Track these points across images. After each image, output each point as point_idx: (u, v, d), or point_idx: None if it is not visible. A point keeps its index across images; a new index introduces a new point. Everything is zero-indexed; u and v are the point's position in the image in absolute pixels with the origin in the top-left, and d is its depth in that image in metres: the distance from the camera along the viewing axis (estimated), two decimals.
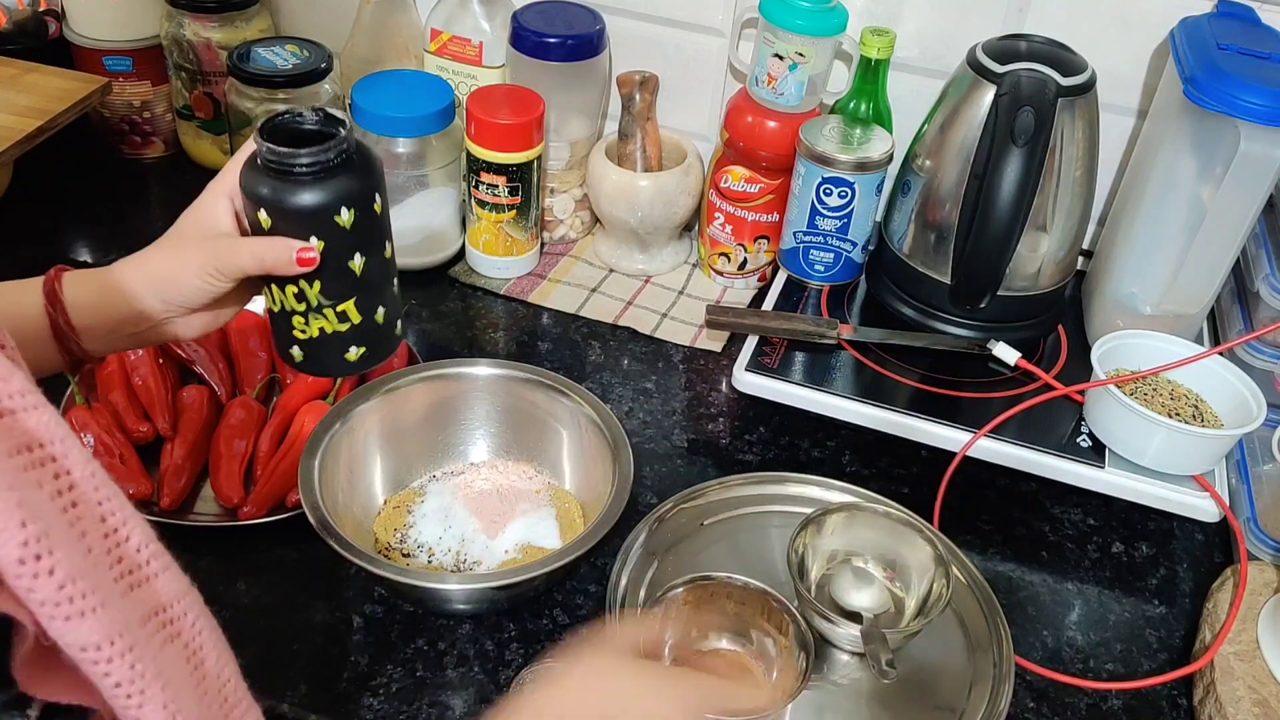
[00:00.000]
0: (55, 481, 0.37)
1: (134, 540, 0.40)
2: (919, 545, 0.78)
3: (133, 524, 0.40)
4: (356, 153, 0.62)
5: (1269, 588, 0.79)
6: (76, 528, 0.37)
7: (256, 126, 0.61)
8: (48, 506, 0.36)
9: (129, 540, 0.40)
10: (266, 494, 0.83)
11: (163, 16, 1.16)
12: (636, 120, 1.09)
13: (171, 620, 0.41)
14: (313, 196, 0.60)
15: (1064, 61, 0.89)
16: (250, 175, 0.61)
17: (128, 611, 0.39)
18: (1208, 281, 0.92)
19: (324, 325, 0.65)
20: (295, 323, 0.65)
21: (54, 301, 0.63)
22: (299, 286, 0.63)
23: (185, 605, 0.42)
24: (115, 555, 0.39)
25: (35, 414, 0.37)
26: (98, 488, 0.39)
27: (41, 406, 0.37)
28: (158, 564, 0.41)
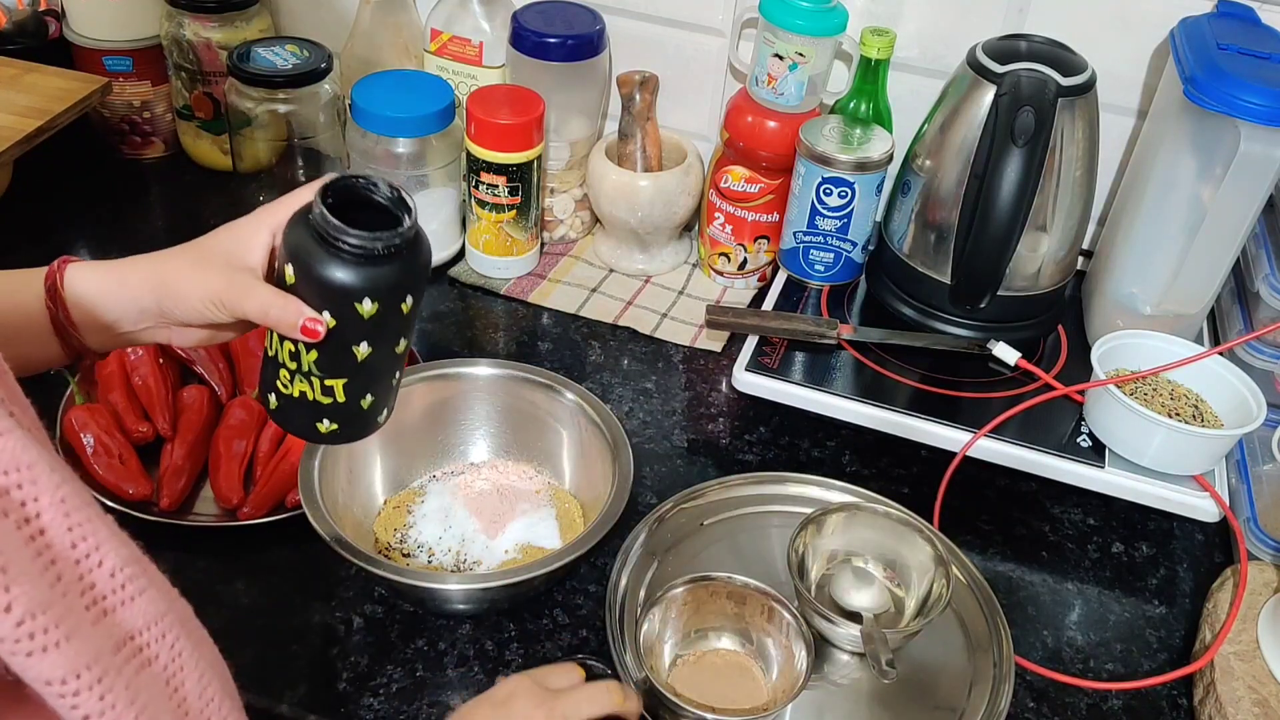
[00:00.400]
0: (21, 510, 0.36)
1: (108, 565, 0.39)
2: (919, 545, 0.78)
3: (107, 548, 0.39)
4: (407, 247, 0.58)
5: (1269, 588, 0.79)
6: (43, 557, 0.36)
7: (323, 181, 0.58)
8: (9, 539, 0.35)
9: (102, 565, 0.39)
10: (266, 494, 0.83)
11: (162, 16, 1.16)
12: (636, 120, 1.09)
13: (146, 645, 0.40)
14: (343, 275, 0.57)
15: (1064, 61, 0.89)
16: (296, 223, 0.59)
17: (98, 640, 0.38)
18: (1208, 281, 0.92)
19: (306, 391, 0.62)
20: (281, 375, 0.63)
21: (54, 296, 0.62)
22: (296, 347, 0.61)
23: (164, 626, 0.41)
24: (87, 582, 0.38)
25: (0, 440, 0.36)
26: (68, 513, 0.37)
27: (6, 433, 0.36)
28: (134, 587, 0.40)
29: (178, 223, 1.17)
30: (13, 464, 0.36)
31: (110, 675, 0.37)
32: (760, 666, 0.74)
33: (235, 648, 0.53)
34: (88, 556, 0.38)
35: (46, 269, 0.63)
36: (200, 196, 1.20)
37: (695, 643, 0.75)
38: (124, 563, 0.39)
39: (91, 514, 0.39)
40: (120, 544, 0.40)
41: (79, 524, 0.38)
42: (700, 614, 0.75)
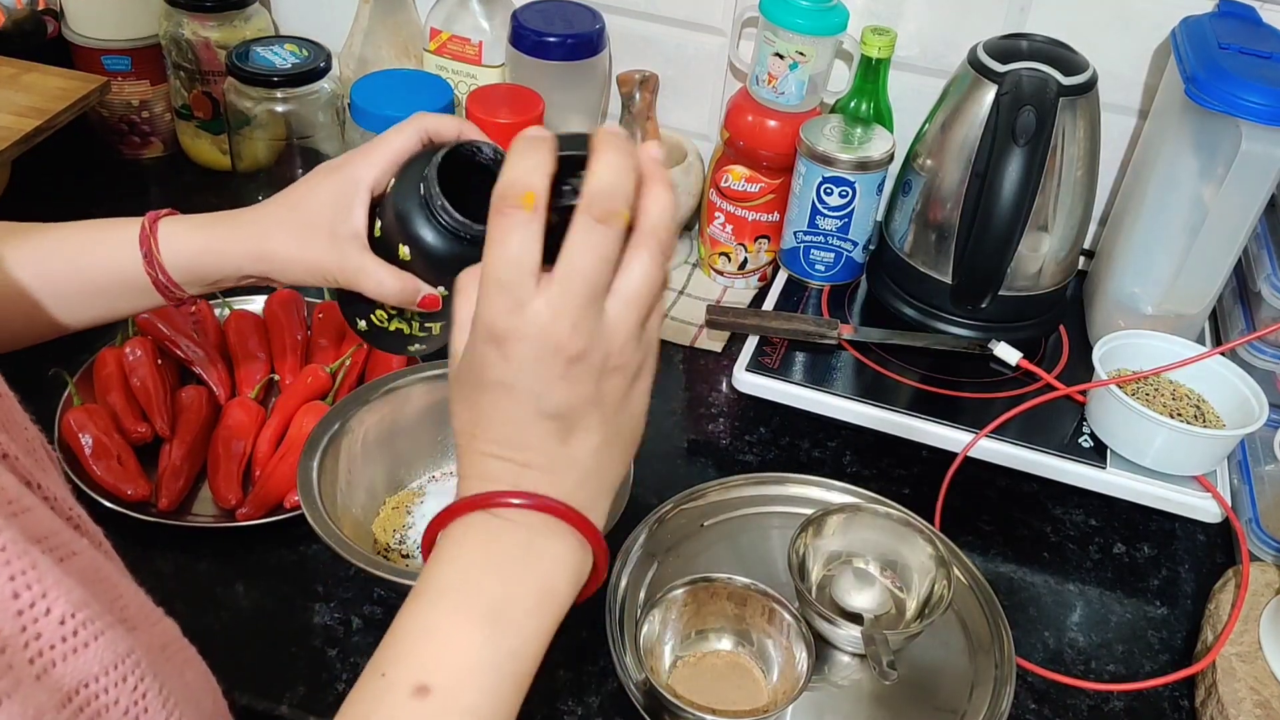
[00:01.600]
0: None
1: (56, 612, 0.36)
2: (920, 546, 0.78)
3: (55, 593, 0.37)
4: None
5: (1271, 588, 0.79)
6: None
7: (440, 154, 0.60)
8: None
9: (50, 613, 0.36)
10: (265, 495, 0.82)
11: (161, 16, 1.15)
12: (636, 120, 1.09)
13: (102, 691, 0.38)
14: (462, 256, 0.60)
15: (1065, 61, 0.89)
16: (411, 206, 0.61)
17: (40, 698, 0.35)
18: (1209, 281, 0.92)
19: (403, 328, 0.68)
20: (377, 313, 0.68)
21: (151, 261, 0.65)
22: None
23: (126, 668, 0.39)
24: (31, 633, 0.36)
25: None
26: (8, 561, 0.35)
27: None
28: (88, 632, 0.37)
29: None
30: None
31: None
32: (760, 668, 0.74)
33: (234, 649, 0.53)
34: (32, 606, 0.36)
35: (139, 229, 0.66)
36: (199, 196, 1.19)
37: (695, 644, 0.75)
38: (76, 607, 0.37)
39: (38, 559, 0.36)
40: (74, 585, 0.38)
41: (21, 572, 0.36)
42: (700, 615, 0.75)
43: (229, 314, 0.98)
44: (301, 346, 0.95)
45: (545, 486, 0.49)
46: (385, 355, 0.94)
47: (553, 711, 0.72)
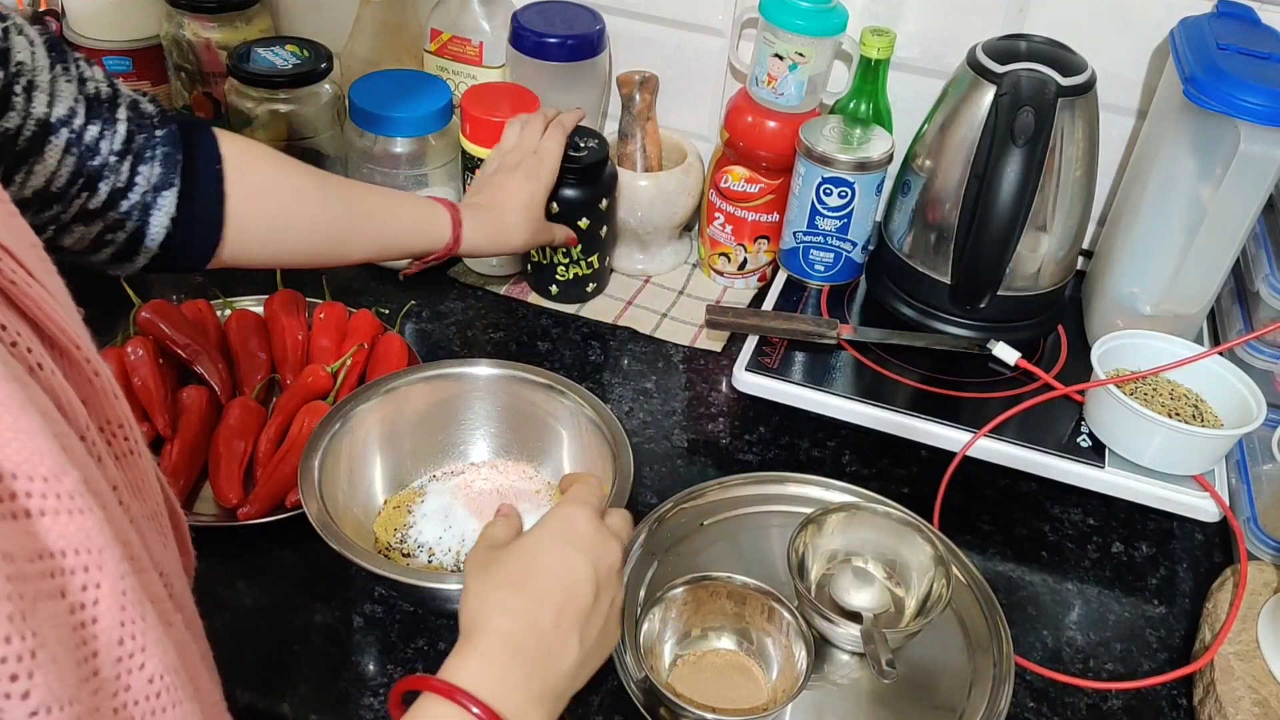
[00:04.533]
0: (81, 594, 0.34)
1: (149, 669, 0.36)
2: (919, 545, 0.78)
3: (152, 650, 0.37)
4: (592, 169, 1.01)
5: (1269, 588, 0.79)
6: (87, 647, 0.34)
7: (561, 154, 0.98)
8: (57, 621, 0.33)
9: (143, 669, 0.36)
10: (266, 494, 0.82)
11: (162, 16, 1.16)
12: (636, 120, 1.09)
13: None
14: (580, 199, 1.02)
15: (1064, 61, 0.89)
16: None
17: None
18: (1208, 281, 0.92)
19: (579, 271, 1.06)
20: (558, 270, 1.06)
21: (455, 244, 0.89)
22: (567, 247, 1.04)
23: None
24: (123, 683, 0.36)
25: (79, 520, 0.34)
26: (125, 607, 0.35)
27: (87, 511, 0.34)
28: (169, 698, 0.37)
29: None
30: (85, 545, 0.34)
31: None
32: (760, 666, 0.74)
33: (236, 648, 0.53)
34: (131, 656, 0.36)
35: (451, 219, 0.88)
36: None
37: (695, 642, 0.75)
38: (167, 670, 0.37)
39: (148, 612, 0.37)
40: (166, 649, 0.38)
41: (133, 620, 0.36)
42: (700, 614, 0.75)
43: (230, 314, 0.99)
44: (302, 346, 0.96)
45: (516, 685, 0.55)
46: (386, 355, 0.94)
47: None
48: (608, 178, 1.03)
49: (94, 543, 0.34)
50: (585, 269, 1.06)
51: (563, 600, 0.58)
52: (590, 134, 1.03)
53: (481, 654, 0.55)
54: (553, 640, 0.56)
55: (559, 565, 0.59)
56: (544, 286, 1.08)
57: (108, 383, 0.42)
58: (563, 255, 1.04)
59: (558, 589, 0.58)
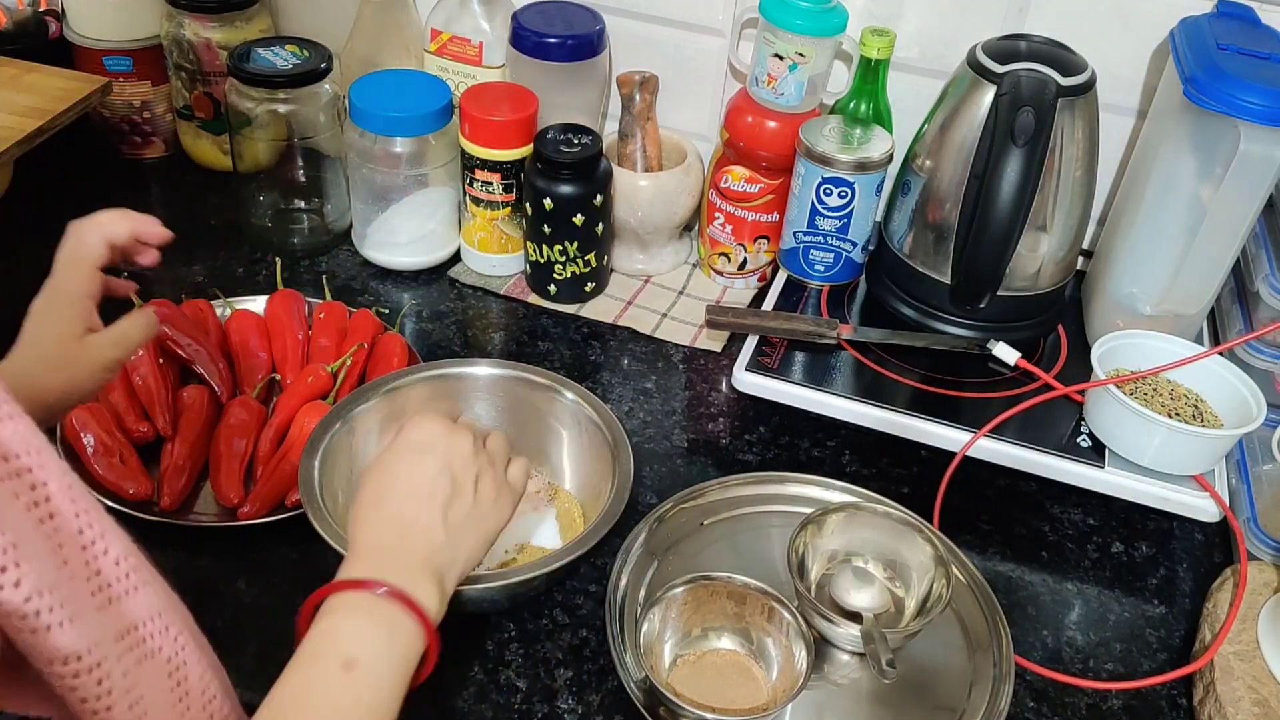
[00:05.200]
0: (31, 493, 0.36)
1: (112, 553, 0.39)
2: (919, 545, 0.78)
3: (111, 537, 0.39)
4: (586, 164, 1.01)
5: (1269, 587, 0.79)
6: (53, 540, 0.36)
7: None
8: (22, 518, 0.35)
9: (107, 554, 0.39)
10: (266, 494, 0.83)
11: (163, 16, 1.16)
12: (636, 120, 1.09)
13: (149, 636, 0.40)
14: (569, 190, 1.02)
15: (1064, 61, 0.89)
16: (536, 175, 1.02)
17: (101, 627, 0.38)
18: (1208, 281, 0.92)
19: (575, 269, 1.05)
20: (555, 269, 1.05)
21: None
22: (564, 245, 1.03)
23: (167, 620, 0.41)
24: (92, 568, 0.38)
25: (11, 424, 0.36)
26: (74, 499, 0.38)
27: (16, 417, 0.36)
28: (137, 578, 0.40)
29: (178, 223, 1.16)
30: (24, 447, 0.36)
31: (110, 661, 0.37)
32: (760, 666, 0.74)
33: (236, 647, 0.53)
34: (94, 543, 0.38)
35: None
36: (200, 197, 1.20)
37: (695, 642, 0.75)
38: (127, 552, 0.40)
39: (93, 503, 0.39)
40: (121, 535, 0.40)
41: (84, 510, 0.38)
42: (700, 613, 0.75)
43: (230, 314, 0.99)
44: (302, 346, 0.96)
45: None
46: (386, 355, 0.94)
47: (552, 710, 0.72)
48: (602, 174, 1.02)
49: (31, 444, 0.36)
50: (583, 267, 1.06)
51: (418, 502, 0.63)
52: (584, 130, 1.02)
53: (360, 559, 0.61)
54: (417, 532, 0.62)
55: (407, 470, 0.65)
56: (542, 286, 1.08)
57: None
58: (560, 254, 1.04)
59: (410, 493, 0.64)
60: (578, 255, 1.05)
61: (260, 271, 1.08)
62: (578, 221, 1.02)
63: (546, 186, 1.00)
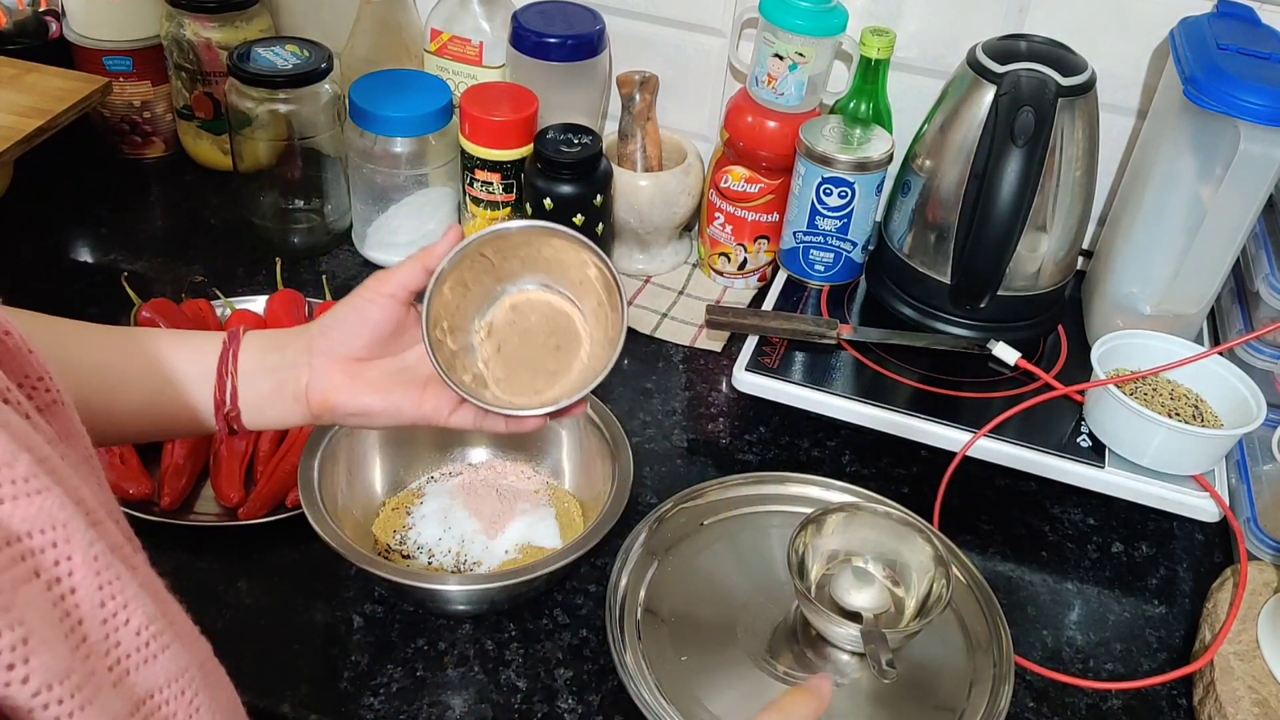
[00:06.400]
0: (53, 569, 0.35)
1: (134, 622, 0.38)
2: (919, 545, 0.78)
3: (134, 605, 0.38)
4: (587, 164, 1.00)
5: (1269, 588, 0.79)
6: (70, 619, 0.35)
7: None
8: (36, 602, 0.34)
9: (129, 624, 0.38)
10: (266, 494, 0.83)
11: (163, 16, 1.16)
12: (636, 120, 1.09)
13: (165, 703, 0.39)
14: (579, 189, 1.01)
15: (1064, 61, 0.89)
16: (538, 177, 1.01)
17: (116, 704, 0.37)
18: (1208, 281, 0.92)
19: None
20: None
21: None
22: None
23: (184, 682, 0.40)
24: (112, 641, 0.37)
25: (37, 500, 0.35)
26: (99, 572, 0.37)
27: (47, 490, 0.35)
28: (157, 644, 0.39)
29: (178, 223, 1.17)
30: (48, 523, 0.35)
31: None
32: (577, 312, 0.70)
33: (237, 647, 0.53)
34: (114, 615, 0.37)
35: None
36: (200, 196, 1.20)
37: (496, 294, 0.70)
38: (150, 619, 0.39)
39: (121, 570, 0.38)
40: (147, 599, 0.39)
41: (109, 582, 0.37)
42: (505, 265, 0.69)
43: (230, 313, 0.99)
44: None
45: None
46: None
47: (552, 710, 0.72)
48: (602, 174, 1.02)
49: (56, 518, 0.35)
50: None
51: None
52: (584, 130, 1.02)
53: None
54: None
55: None
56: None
57: (20, 339, 0.42)
58: None
59: None
60: None
61: (260, 271, 1.08)
62: (578, 221, 1.02)
63: (546, 186, 1.00)
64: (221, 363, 0.65)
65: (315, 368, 0.66)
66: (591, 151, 1.00)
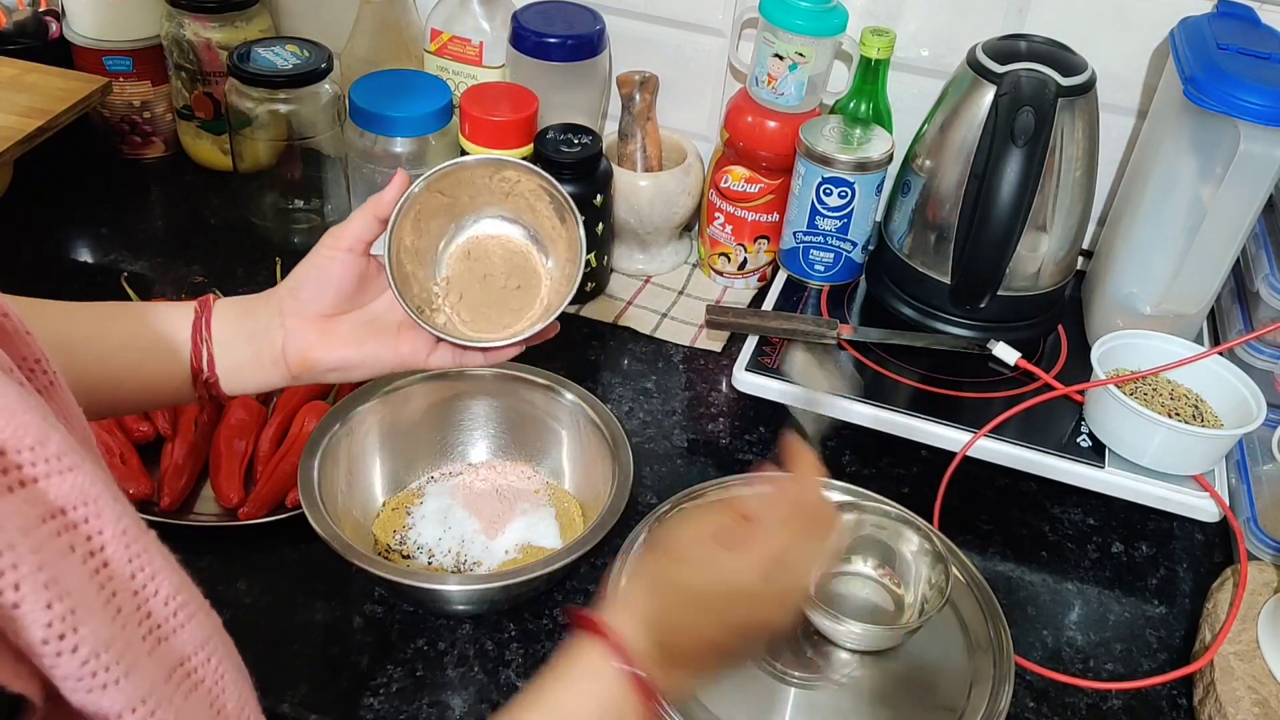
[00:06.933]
0: (87, 544, 0.36)
1: (163, 593, 0.39)
2: (918, 544, 0.78)
3: (161, 577, 0.39)
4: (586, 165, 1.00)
5: (1269, 588, 0.79)
6: (106, 589, 0.37)
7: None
8: (77, 574, 0.35)
9: (157, 594, 0.39)
10: (266, 494, 0.83)
11: (163, 16, 1.16)
12: (636, 120, 1.09)
13: (195, 669, 0.41)
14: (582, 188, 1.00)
15: (1064, 61, 0.89)
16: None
17: (153, 671, 0.38)
18: (1208, 281, 0.92)
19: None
20: None
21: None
22: None
23: (210, 650, 0.42)
24: (144, 612, 0.38)
25: (70, 476, 0.36)
26: (128, 545, 0.38)
27: (78, 467, 0.36)
28: (185, 613, 0.40)
29: (178, 223, 1.17)
30: (81, 498, 0.36)
31: (163, 706, 0.38)
32: (537, 251, 0.71)
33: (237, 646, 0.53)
34: (145, 586, 0.39)
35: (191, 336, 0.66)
36: (200, 196, 1.20)
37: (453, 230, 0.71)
38: (176, 589, 0.40)
39: (148, 542, 0.39)
40: (172, 570, 0.40)
41: (138, 554, 0.38)
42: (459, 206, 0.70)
43: None
44: None
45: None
46: None
47: None
48: (602, 174, 1.02)
49: (88, 494, 0.37)
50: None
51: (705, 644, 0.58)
52: (583, 130, 1.02)
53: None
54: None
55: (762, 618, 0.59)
56: None
57: (18, 321, 0.43)
58: None
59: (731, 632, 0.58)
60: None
61: (260, 271, 1.08)
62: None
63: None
64: (195, 331, 0.65)
65: (289, 329, 0.66)
66: (591, 151, 1.00)
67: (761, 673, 0.74)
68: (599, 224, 1.04)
